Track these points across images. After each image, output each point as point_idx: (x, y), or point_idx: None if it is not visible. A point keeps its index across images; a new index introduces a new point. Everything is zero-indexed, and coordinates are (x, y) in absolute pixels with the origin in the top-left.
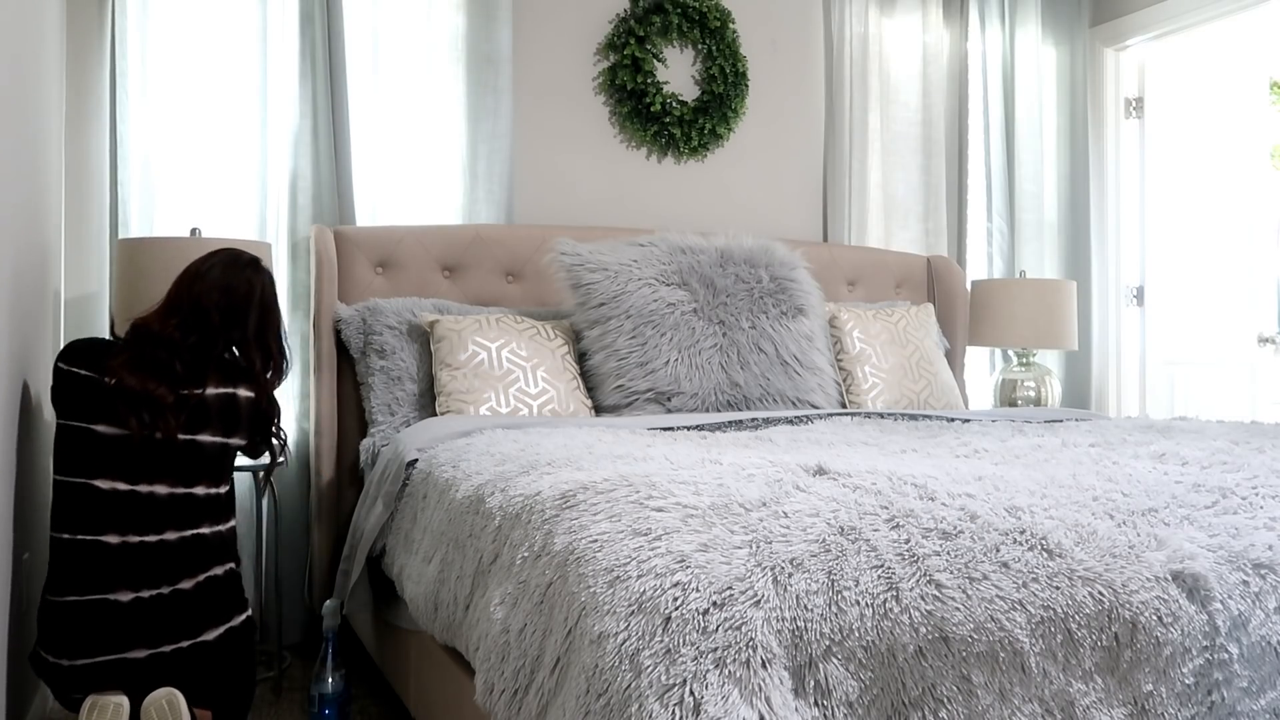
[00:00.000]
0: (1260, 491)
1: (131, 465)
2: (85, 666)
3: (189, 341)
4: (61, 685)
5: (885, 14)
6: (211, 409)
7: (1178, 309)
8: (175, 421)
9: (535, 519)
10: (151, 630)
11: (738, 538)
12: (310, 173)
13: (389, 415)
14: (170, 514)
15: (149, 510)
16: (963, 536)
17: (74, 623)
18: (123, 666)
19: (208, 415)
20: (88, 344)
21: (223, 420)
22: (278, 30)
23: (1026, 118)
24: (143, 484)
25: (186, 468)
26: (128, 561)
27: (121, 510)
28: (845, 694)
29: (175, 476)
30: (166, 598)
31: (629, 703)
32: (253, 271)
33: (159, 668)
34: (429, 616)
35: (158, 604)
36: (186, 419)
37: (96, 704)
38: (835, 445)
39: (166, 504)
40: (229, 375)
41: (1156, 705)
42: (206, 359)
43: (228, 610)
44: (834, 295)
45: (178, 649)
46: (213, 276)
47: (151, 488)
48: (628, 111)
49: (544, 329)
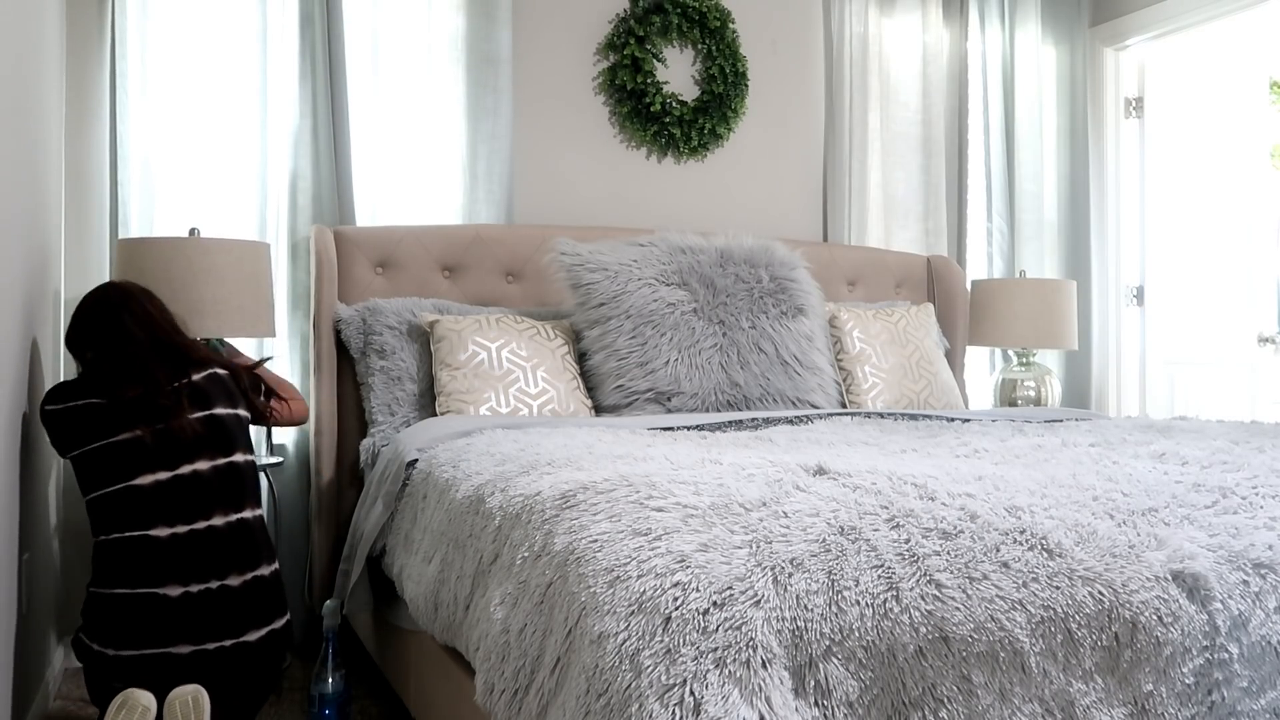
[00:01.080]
0: (1260, 491)
1: (169, 454)
2: (130, 658)
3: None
4: (103, 673)
5: (885, 14)
6: (208, 389)
7: (1178, 309)
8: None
9: (535, 519)
10: (197, 626)
11: (738, 538)
12: (310, 173)
13: (389, 415)
14: (215, 491)
15: (195, 491)
16: (963, 536)
17: (122, 614)
18: (166, 661)
19: (208, 394)
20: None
21: (225, 395)
22: (278, 30)
23: (1026, 118)
24: (184, 466)
25: (220, 439)
26: (177, 554)
27: (168, 500)
28: (845, 694)
29: (213, 449)
30: (214, 593)
31: (629, 703)
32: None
33: (200, 664)
34: (429, 616)
35: (205, 600)
36: (195, 399)
37: (126, 702)
38: (835, 445)
39: (211, 479)
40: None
41: (1156, 705)
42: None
43: (270, 612)
44: (834, 295)
45: (220, 647)
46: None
47: (194, 466)
48: (628, 111)
49: (544, 329)
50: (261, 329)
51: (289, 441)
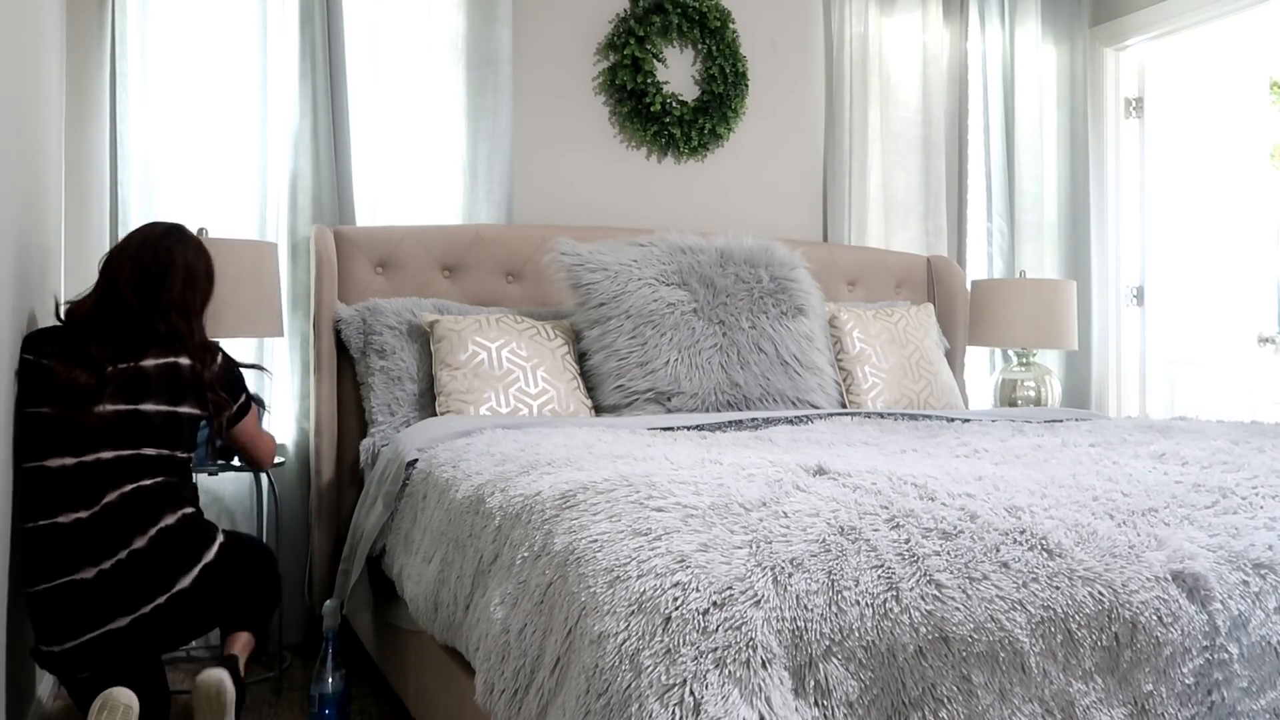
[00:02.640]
0: (1260, 491)
1: (77, 440)
2: (75, 648)
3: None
4: (61, 670)
5: (885, 14)
6: (152, 378)
7: (1178, 309)
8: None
9: (535, 519)
10: (123, 597)
11: (738, 538)
12: (310, 173)
13: (389, 415)
14: (116, 474)
15: (96, 477)
16: (963, 536)
17: (51, 608)
18: (110, 638)
19: (148, 385)
20: (41, 332)
21: (167, 389)
22: (278, 30)
23: (1026, 118)
24: (89, 454)
25: (131, 435)
26: (82, 537)
27: (72, 485)
28: (845, 694)
29: (119, 443)
30: (125, 562)
31: (629, 703)
32: (174, 240)
33: (146, 628)
34: (429, 616)
35: (120, 570)
36: (124, 390)
37: (107, 704)
38: (835, 445)
39: (112, 465)
40: (169, 345)
41: (1156, 705)
42: (140, 332)
43: (194, 552)
44: (834, 295)
45: (156, 606)
46: (128, 253)
47: (98, 455)
48: (628, 111)
49: (544, 329)
50: (268, 329)
51: (289, 441)
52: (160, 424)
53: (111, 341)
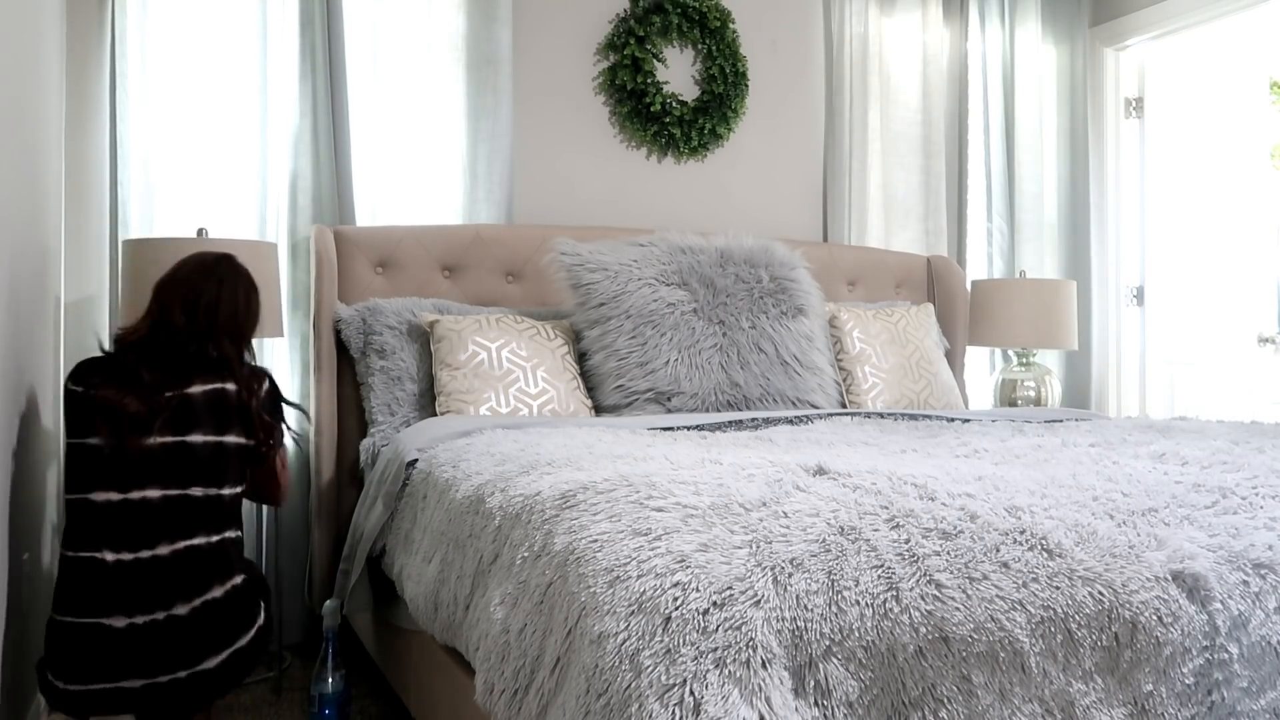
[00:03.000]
0: (1260, 491)
1: (123, 474)
2: (80, 693)
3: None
4: (58, 705)
5: (885, 14)
6: (199, 407)
7: (1178, 309)
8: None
9: (535, 519)
10: (146, 660)
11: (738, 538)
12: (310, 173)
13: (389, 415)
14: (164, 520)
15: (142, 518)
16: (963, 536)
17: (70, 645)
18: (118, 695)
19: (195, 414)
20: (88, 362)
21: (214, 417)
22: (278, 30)
23: (1026, 118)
24: (134, 491)
25: (178, 471)
26: (122, 581)
27: (116, 522)
28: (845, 694)
29: (166, 480)
30: (161, 624)
31: (629, 703)
32: (227, 267)
33: (156, 697)
34: (429, 616)
35: (152, 631)
36: (172, 421)
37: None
38: (835, 445)
39: (160, 508)
40: (215, 371)
41: (1156, 705)
42: (188, 357)
43: (231, 635)
44: (834, 295)
45: (174, 679)
46: (180, 275)
47: (144, 493)
48: (628, 111)
49: (544, 329)
50: (268, 329)
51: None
52: (206, 457)
53: (160, 368)
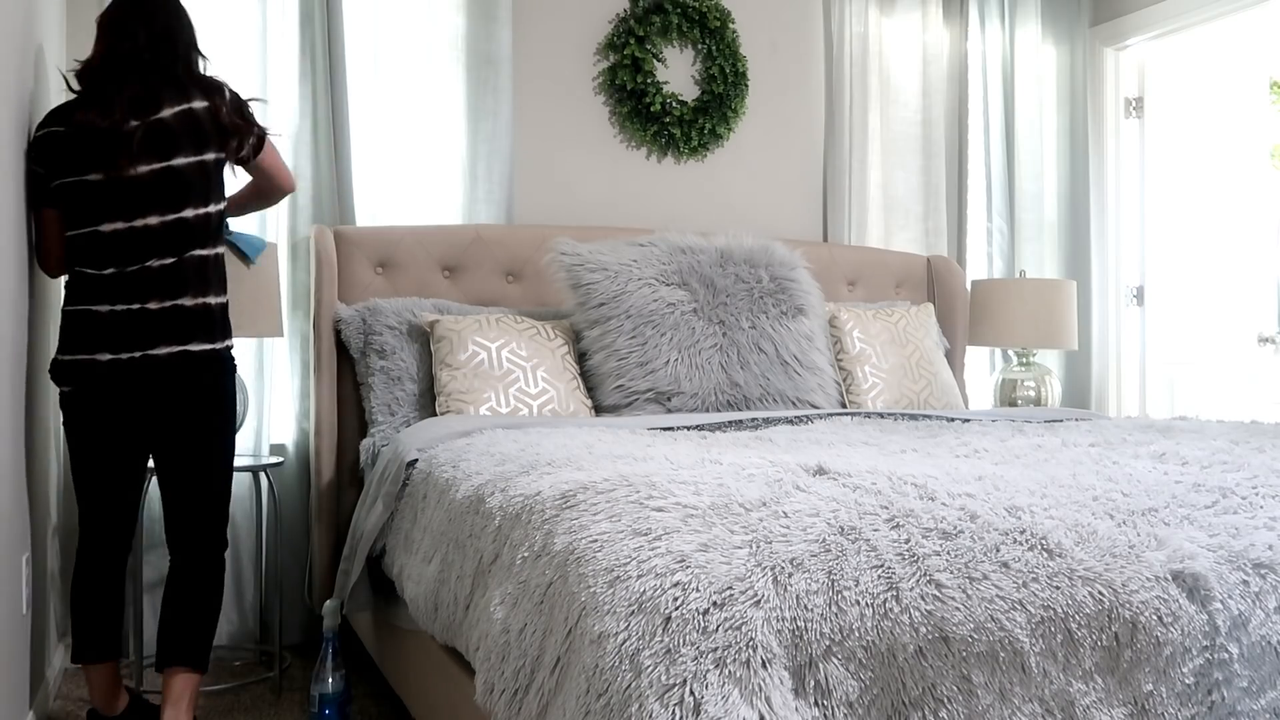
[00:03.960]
0: (1260, 491)
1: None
2: (67, 361)
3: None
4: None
5: (885, 14)
6: (176, 130)
7: (1178, 309)
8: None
9: (535, 519)
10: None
11: (738, 538)
12: (310, 173)
13: (389, 415)
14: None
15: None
16: (963, 536)
17: (68, 326)
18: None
19: (174, 138)
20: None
21: (191, 138)
22: (278, 30)
23: (1026, 118)
24: (138, 219)
25: (171, 195)
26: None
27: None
28: (845, 694)
29: (164, 205)
30: (134, 313)
31: (629, 703)
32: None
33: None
34: (429, 616)
35: (125, 317)
36: (154, 146)
37: None
38: (835, 445)
39: (159, 231)
40: (183, 90)
41: (1156, 705)
42: (155, 77)
43: (185, 334)
44: (834, 295)
45: (131, 358)
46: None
47: (146, 220)
48: (628, 111)
49: (544, 329)
50: (268, 329)
51: (289, 442)
52: (193, 177)
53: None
